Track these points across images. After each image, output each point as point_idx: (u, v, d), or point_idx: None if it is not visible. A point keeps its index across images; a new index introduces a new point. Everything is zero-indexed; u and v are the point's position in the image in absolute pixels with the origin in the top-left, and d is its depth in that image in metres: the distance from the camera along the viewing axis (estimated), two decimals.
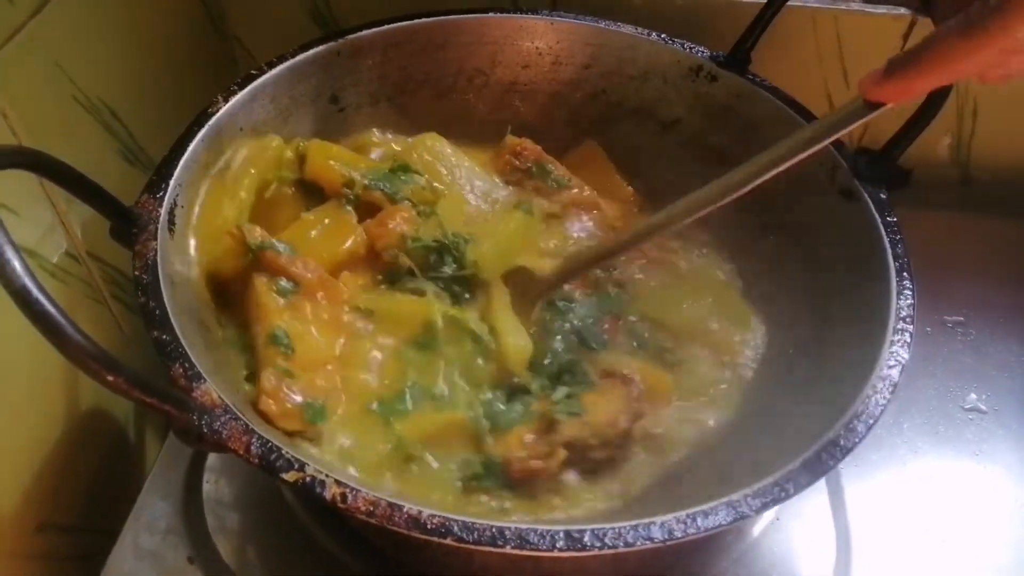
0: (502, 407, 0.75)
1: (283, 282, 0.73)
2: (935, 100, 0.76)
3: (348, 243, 0.80)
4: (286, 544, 0.80)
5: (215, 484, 0.83)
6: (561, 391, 0.76)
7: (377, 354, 0.75)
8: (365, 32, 0.92)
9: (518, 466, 0.71)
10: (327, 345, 0.73)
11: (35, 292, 0.45)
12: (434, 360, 0.76)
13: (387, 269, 0.81)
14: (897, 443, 0.90)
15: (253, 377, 0.69)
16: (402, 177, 0.86)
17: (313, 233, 0.80)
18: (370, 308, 0.77)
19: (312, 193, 0.85)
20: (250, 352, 0.72)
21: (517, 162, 0.94)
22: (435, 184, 0.88)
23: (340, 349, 0.74)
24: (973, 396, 0.95)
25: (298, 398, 0.67)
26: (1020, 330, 1.02)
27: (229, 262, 0.75)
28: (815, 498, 0.84)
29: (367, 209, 0.84)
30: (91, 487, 0.86)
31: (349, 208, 0.83)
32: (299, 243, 0.78)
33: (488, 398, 0.75)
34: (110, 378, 0.50)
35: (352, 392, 0.72)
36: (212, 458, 0.85)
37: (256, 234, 0.75)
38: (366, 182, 0.83)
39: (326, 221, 0.82)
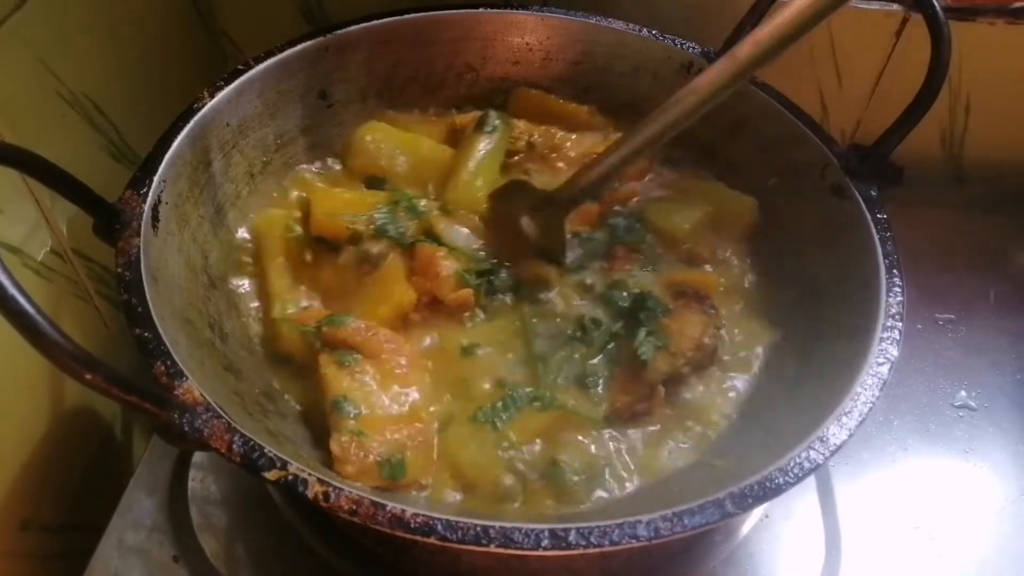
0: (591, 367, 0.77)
1: (345, 353, 0.73)
2: (927, 96, 0.76)
3: (398, 298, 0.79)
4: (272, 543, 0.79)
5: (201, 482, 0.82)
6: (642, 333, 0.77)
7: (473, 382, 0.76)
8: (353, 28, 0.91)
9: (627, 413, 0.74)
10: (397, 400, 0.73)
11: (11, 289, 0.45)
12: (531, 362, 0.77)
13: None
14: (887, 440, 0.90)
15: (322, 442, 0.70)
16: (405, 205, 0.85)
17: (365, 295, 0.80)
18: (474, 343, 0.78)
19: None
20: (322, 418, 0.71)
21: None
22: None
23: (414, 399, 0.74)
24: (963, 393, 0.95)
25: (373, 456, 0.66)
26: (1011, 327, 1.02)
27: (290, 346, 0.76)
28: (804, 496, 0.84)
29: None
30: (76, 485, 0.86)
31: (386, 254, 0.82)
32: (353, 308, 0.78)
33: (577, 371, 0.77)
34: (88, 376, 0.49)
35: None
36: (198, 456, 0.84)
37: (309, 317, 0.76)
38: (372, 230, 0.82)
39: (372, 283, 0.81)
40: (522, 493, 0.70)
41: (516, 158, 0.94)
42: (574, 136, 0.96)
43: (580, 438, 0.73)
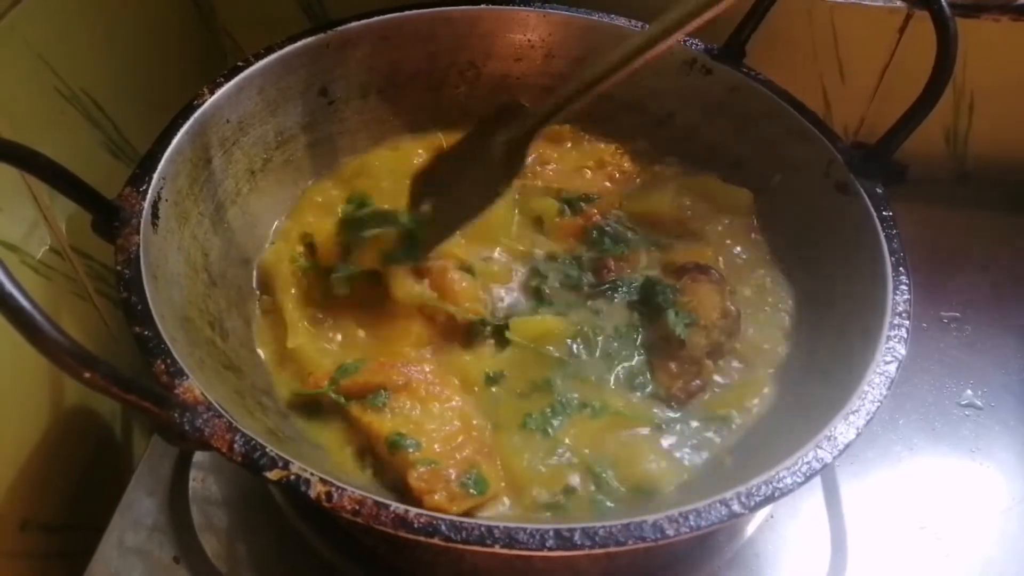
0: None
1: (374, 396, 0.72)
2: (932, 93, 0.75)
3: (415, 337, 0.78)
4: (274, 544, 0.79)
5: (202, 482, 0.82)
6: (671, 314, 0.78)
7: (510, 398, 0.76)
8: (354, 24, 0.91)
9: (682, 396, 0.75)
10: (444, 418, 0.72)
11: (8, 286, 0.44)
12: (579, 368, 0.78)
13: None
14: (893, 440, 0.90)
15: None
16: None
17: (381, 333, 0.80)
18: (499, 369, 0.77)
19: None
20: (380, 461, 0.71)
21: None
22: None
23: (461, 410, 0.73)
24: (969, 392, 0.94)
25: (454, 478, 0.66)
26: (1016, 326, 1.01)
27: (317, 400, 0.75)
28: (810, 496, 0.83)
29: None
30: (76, 484, 0.85)
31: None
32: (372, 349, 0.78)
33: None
34: (86, 374, 0.48)
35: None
36: (199, 456, 0.83)
37: (321, 379, 0.74)
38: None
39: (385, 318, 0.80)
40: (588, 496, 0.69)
41: None
42: (558, 154, 0.98)
43: (639, 435, 0.73)
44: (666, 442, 0.73)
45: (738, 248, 0.88)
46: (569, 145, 1.00)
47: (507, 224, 0.89)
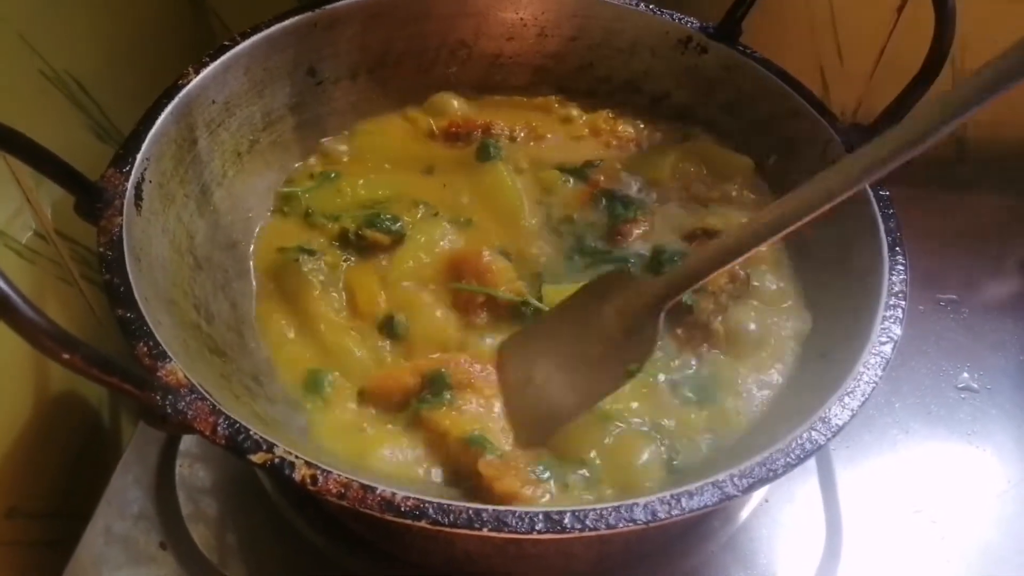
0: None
1: (439, 396, 0.71)
2: (930, 71, 0.74)
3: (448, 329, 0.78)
4: (263, 531, 0.77)
5: (190, 468, 0.81)
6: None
7: None
8: (343, 2, 0.89)
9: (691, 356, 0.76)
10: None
11: None
12: None
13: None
14: (888, 423, 0.89)
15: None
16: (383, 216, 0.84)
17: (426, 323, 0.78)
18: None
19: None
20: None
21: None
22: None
23: None
24: (966, 375, 0.94)
25: (523, 465, 0.66)
26: (1013, 309, 1.00)
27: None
28: (805, 479, 0.83)
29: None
30: (62, 471, 0.84)
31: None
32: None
33: None
34: (65, 356, 0.47)
35: None
36: (187, 443, 0.82)
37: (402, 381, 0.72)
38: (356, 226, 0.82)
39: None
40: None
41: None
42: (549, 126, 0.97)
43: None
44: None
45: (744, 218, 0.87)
46: (558, 116, 0.99)
47: (518, 205, 0.87)
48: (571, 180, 0.90)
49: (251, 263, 0.83)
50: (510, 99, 1.00)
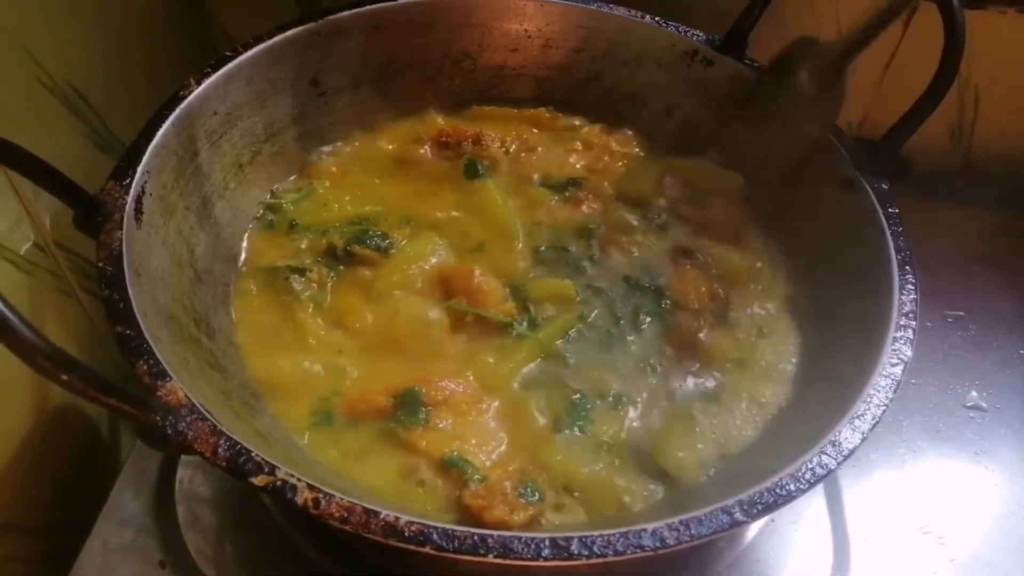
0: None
1: (413, 415, 0.70)
2: (939, 87, 0.73)
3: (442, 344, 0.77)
4: (262, 546, 0.76)
5: (189, 482, 0.80)
6: (664, 303, 0.80)
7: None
8: (346, 13, 0.88)
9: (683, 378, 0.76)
10: (491, 432, 0.71)
11: None
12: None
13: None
14: (896, 442, 0.88)
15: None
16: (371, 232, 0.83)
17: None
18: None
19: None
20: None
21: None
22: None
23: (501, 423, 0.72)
24: (974, 393, 0.93)
25: (511, 490, 0.65)
26: (1022, 325, 0.99)
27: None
28: (812, 499, 0.82)
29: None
30: (61, 486, 0.83)
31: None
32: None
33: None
34: (64, 377, 0.46)
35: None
36: (186, 456, 0.81)
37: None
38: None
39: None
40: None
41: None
42: (540, 139, 0.97)
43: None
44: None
45: (739, 236, 0.87)
46: (551, 128, 0.98)
47: (509, 224, 0.87)
48: (558, 196, 0.90)
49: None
50: (501, 110, 0.99)
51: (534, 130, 0.98)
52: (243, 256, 0.83)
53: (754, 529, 0.79)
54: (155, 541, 0.76)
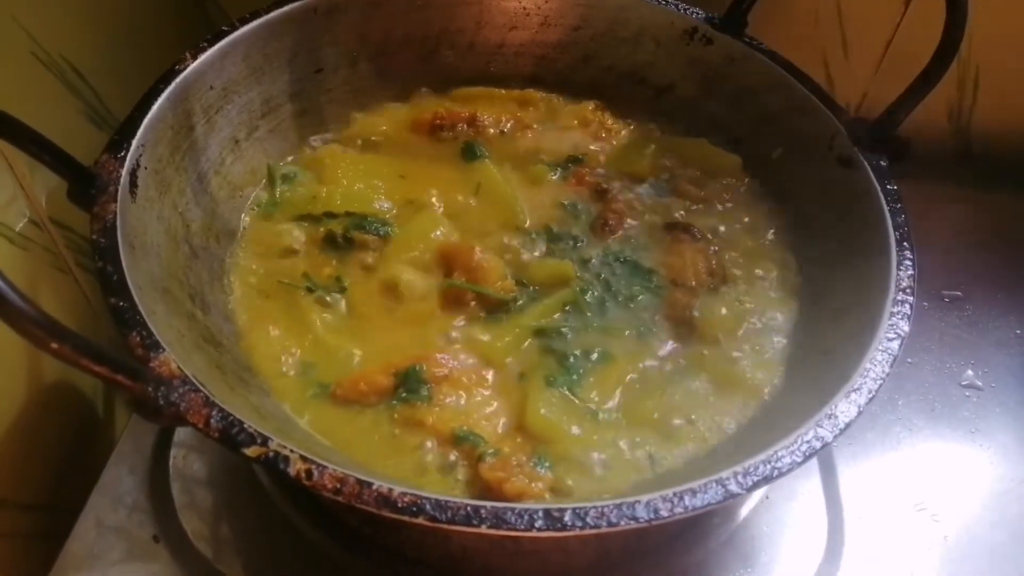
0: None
1: (416, 392, 0.70)
2: (939, 64, 0.73)
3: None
4: (258, 524, 0.76)
5: (184, 460, 0.80)
6: (654, 278, 0.80)
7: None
8: None
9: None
10: (495, 407, 0.71)
11: None
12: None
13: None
14: (892, 420, 0.88)
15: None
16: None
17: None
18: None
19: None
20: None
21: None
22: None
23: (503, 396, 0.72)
24: (970, 372, 0.93)
25: (525, 462, 0.65)
26: (1019, 305, 0.99)
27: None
28: (807, 476, 0.82)
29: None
30: (56, 463, 0.83)
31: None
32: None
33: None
34: (54, 345, 0.46)
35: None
36: (181, 433, 0.81)
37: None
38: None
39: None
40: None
41: None
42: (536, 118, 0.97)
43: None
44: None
45: (737, 213, 0.88)
46: (545, 107, 0.98)
47: (512, 203, 0.86)
48: (557, 173, 0.90)
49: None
50: (496, 91, 0.98)
51: (530, 109, 0.97)
52: (239, 233, 0.82)
53: (748, 506, 0.79)
54: (149, 518, 0.76)
